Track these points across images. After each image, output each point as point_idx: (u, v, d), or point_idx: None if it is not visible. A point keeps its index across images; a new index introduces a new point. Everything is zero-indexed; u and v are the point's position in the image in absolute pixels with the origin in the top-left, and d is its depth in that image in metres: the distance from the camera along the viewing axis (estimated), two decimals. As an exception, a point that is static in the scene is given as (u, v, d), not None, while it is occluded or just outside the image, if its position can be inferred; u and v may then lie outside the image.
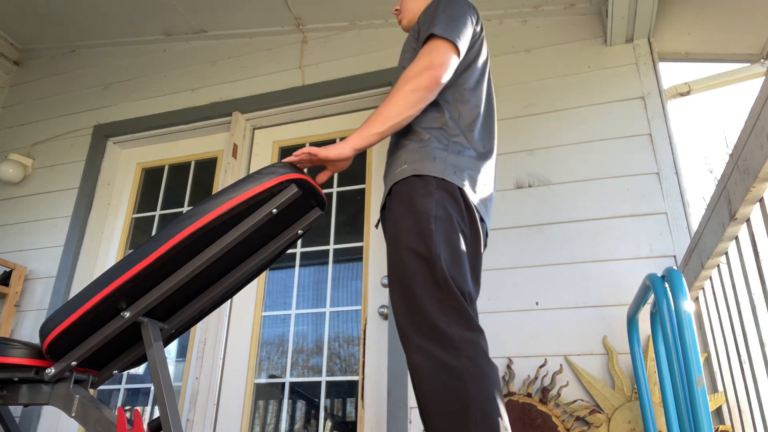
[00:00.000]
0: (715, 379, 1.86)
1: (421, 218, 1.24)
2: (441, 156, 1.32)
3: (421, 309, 1.18)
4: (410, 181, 1.30)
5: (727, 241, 1.44)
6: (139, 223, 3.11)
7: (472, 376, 1.10)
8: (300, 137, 2.99)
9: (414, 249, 1.22)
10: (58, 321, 1.21)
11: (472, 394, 1.08)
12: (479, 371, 1.11)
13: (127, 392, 2.77)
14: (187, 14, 3.17)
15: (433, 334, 1.15)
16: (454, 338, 1.14)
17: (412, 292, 1.20)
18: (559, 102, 2.48)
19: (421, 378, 1.14)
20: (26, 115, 3.54)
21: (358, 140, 1.28)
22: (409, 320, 1.19)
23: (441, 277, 1.19)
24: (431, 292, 1.19)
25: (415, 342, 1.17)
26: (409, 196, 1.29)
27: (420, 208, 1.26)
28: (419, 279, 1.20)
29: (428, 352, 1.14)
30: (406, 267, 1.22)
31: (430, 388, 1.11)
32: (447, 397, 1.09)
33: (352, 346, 2.49)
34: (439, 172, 1.29)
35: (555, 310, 2.15)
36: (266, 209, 1.25)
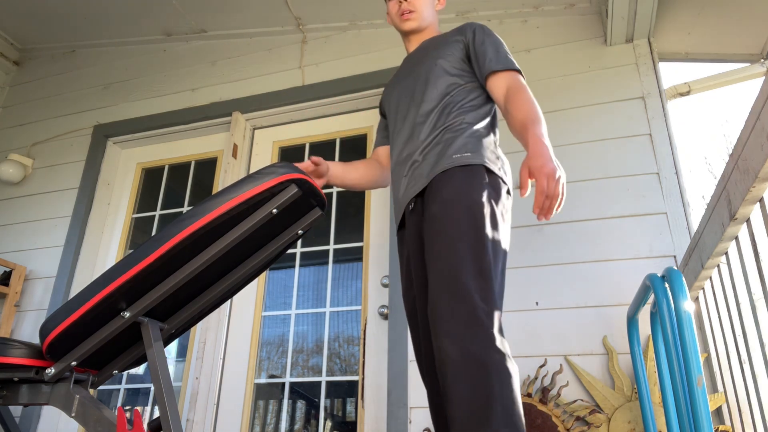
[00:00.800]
0: (715, 379, 1.86)
1: (474, 207, 1.28)
2: (490, 149, 1.42)
3: (464, 295, 1.18)
4: (464, 169, 1.35)
5: (727, 241, 1.44)
6: (139, 223, 3.11)
7: (499, 372, 1.11)
8: (300, 137, 2.99)
9: (465, 236, 1.24)
10: (58, 321, 1.21)
11: (496, 389, 1.09)
12: (505, 368, 1.12)
13: (127, 392, 2.77)
14: (187, 14, 3.17)
15: (469, 322, 1.15)
16: (488, 331, 1.15)
17: (456, 277, 1.20)
18: (559, 102, 2.48)
19: (447, 365, 1.14)
20: (26, 115, 3.54)
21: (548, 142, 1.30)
22: (448, 305, 1.19)
23: (487, 267, 1.22)
24: (476, 281, 1.20)
25: (447, 327, 1.16)
26: (462, 181, 1.33)
27: (474, 197, 1.30)
28: (466, 266, 1.21)
29: (459, 340, 1.14)
30: (455, 253, 1.23)
31: (456, 377, 1.12)
32: (471, 389, 1.10)
33: (352, 346, 2.49)
34: (490, 164, 1.37)
35: (555, 310, 2.15)
36: (266, 209, 1.25)
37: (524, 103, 1.38)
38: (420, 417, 2.13)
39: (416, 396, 2.17)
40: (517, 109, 1.37)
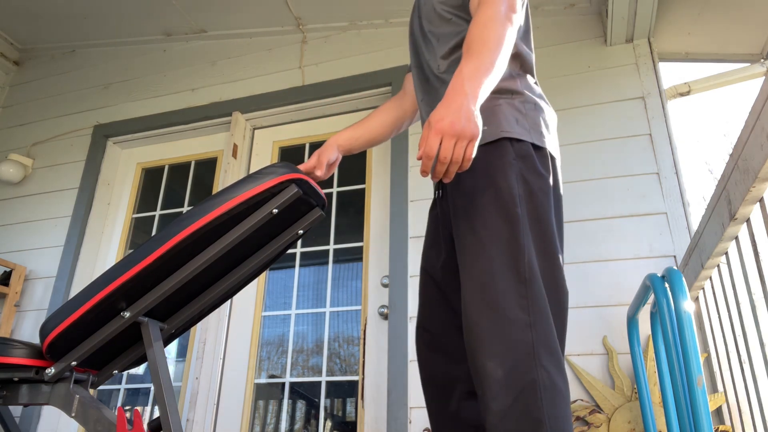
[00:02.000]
0: (715, 379, 1.86)
1: (503, 197, 1.07)
2: (511, 107, 1.15)
3: (503, 309, 1.01)
4: (482, 150, 1.12)
5: (727, 241, 1.44)
6: (139, 223, 3.11)
7: (547, 391, 0.96)
8: (300, 137, 2.99)
9: (496, 235, 1.05)
10: (58, 321, 1.21)
11: (545, 410, 0.95)
12: (555, 386, 0.97)
13: (127, 392, 2.77)
14: (187, 14, 3.17)
15: (510, 340, 0.99)
16: (532, 346, 0.98)
17: (491, 284, 1.03)
18: (559, 102, 2.48)
19: (491, 389, 0.98)
20: (26, 115, 3.54)
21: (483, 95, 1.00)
22: (486, 322, 1.01)
23: (527, 269, 1.03)
24: (514, 287, 1.02)
25: (487, 348, 1.00)
26: (486, 168, 1.10)
27: (500, 185, 1.08)
28: (500, 270, 1.03)
29: (502, 360, 0.98)
30: (486, 258, 1.04)
31: (502, 401, 0.96)
32: (519, 413, 0.95)
33: (352, 346, 2.49)
34: (512, 130, 1.11)
35: (555, 310, 2.15)
36: (266, 209, 1.25)
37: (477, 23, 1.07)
38: (420, 417, 2.13)
39: (416, 396, 2.17)
40: (469, 32, 1.07)
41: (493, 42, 1.03)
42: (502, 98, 1.16)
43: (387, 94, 2.82)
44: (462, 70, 1.01)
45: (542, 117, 1.17)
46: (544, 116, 1.18)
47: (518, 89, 1.18)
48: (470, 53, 1.03)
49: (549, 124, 1.18)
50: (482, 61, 1.01)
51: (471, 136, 0.95)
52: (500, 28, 1.05)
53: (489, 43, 1.03)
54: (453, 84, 1.00)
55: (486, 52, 1.02)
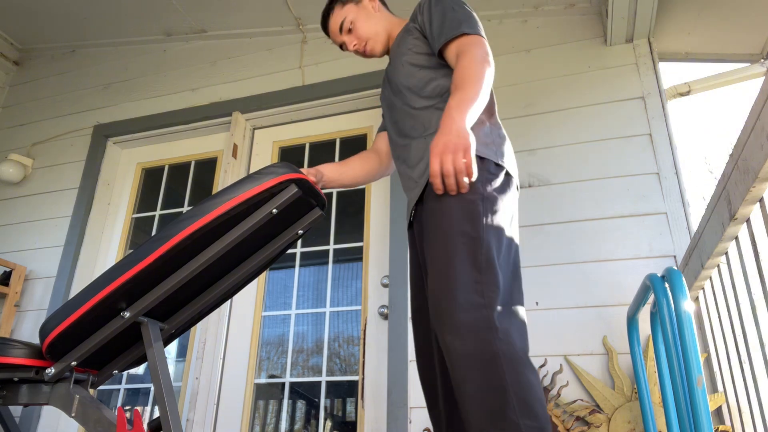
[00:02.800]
0: (715, 379, 1.86)
1: (467, 197, 1.22)
2: (488, 139, 1.33)
3: (458, 289, 1.13)
4: None
5: (727, 241, 1.44)
6: (139, 223, 3.11)
7: (509, 360, 1.06)
8: (300, 137, 2.99)
9: (458, 229, 1.19)
10: (58, 321, 1.21)
11: (507, 378, 1.05)
12: (514, 355, 1.08)
13: (127, 392, 2.77)
14: (187, 14, 3.17)
15: (468, 314, 1.11)
16: (489, 320, 1.10)
17: (450, 272, 1.16)
18: (559, 102, 2.48)
19: (454, 361, 1.10)
20: (26, 115, 3.54)
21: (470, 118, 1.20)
22: (446, 301, 1.15)
23: (484, 259, 1.16)
24: (470, 274, 1.15)
25: (448, 323, 1.12)
26: None
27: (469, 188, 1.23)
28: (459, 259, 1.16)
29: (462, 334, 1.10)
30: (448, 247, 1.18)
31: (464, 372, 1.08)
32: (482, 382, 1.06)
33: (352, 346, 2.49)
34: (484, 154, 1.29)
35: (555, 310, 2.15)
36: (266, 209, 1.25)
37: (460, 67, 1.28)
38: (420, 417, 2.13)
39: (416, 396, 2.17)
40: (454, 75, 1.29)
41: (474, 78, 1.25)
42: (477, 126, 1.35)
43: (387, 94, 2.82)
44: (450, 103, 1.21)
45: (504, 145, 1.38)
46: (506, 145, 1.39)
47: (483, 122, 1.38)
48: (456, 89, 1.24)
49: (508, 151, 1.39)
50: (466, 93, 1.22)
51: (464, 147, 1.14)
52: (479, 68, 1.27)
53: (472, 79, 1.24)
54: (443, 116, 1.20)
55: (469, 86, 1.23)
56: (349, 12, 1.58)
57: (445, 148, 1.14)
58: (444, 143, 1.14)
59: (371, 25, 1.58)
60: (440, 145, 1.14)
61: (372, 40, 1.58)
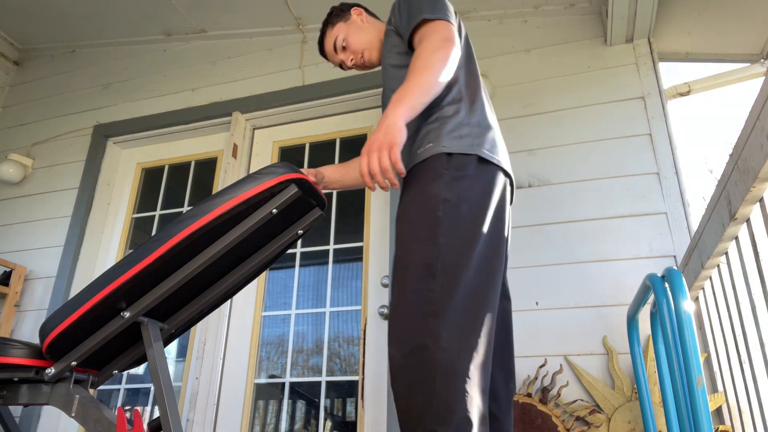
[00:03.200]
0: (715, 379, 1.86)
1: (428, 202, 1.17)
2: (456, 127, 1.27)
3: (408, 297, 1.11)
4: (423, 164, 1.24)
5: (727, 241, 1.44)
6: (139, 223, 3.11)
7: (444, 370, 1.02)
8: (300, 137, 2.99)
9: (416, 236, 1.16)
10: (58, 321, 1.21)
11: (438, 385, 1.01)
12: (453, 367, 1.02)
13: (127, 392, 2.77)
14: (187, 14, 3.17)
15: (410, 325, 1.08)
16: (432, 331, 1.05)
17: (403, 280, 1.14)
18: (559, 102, 2.48)
19: (393, 374, 1.07)
20: (26, 115, 3.54)
21: (408, 110, 1.16)
22: (394, 310, 1.13)
23: (440, 267, 1.11)
24: (422, 281, 1.11)
25: (392, 332, 1.11)
26: (418, 178, 1.23)
27: (427, 192, 1.19)
28: (414, 266, 1.13)
29: (401, 343, 1.07)
30: (405, 254, 1.16)
31: (398, 378, 1.06)
32: (410, 388, 1.03)
33: (352, 346, 2.49)
34: (451, 146, 1.23)
35: (555, 310, 2.15)
36: (266, 209, 1.25)
37: (413, 58, 1.24)
38: (420, 417, 2.13)
39: (416, 396, 2.17)
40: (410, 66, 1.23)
41: (421, 69, 1.20)
42: (442, 120, 1.29)
43: (387, 94, 2.82)
44: (392, 97, 1.18)
45: (487, 134, 1.29)
46: (489, 134, 1.30)
47: (456, 113, 1.30)
48: (404, 82, 1.20)
49: (491, 140, 1.30)
50: (408, 86, 1.18)
51: (389, 144, 1.11)
52: (430, 56, 1.22)
53: (417, 70, 1.20)
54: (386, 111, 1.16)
55: (413, 77, 1.19)
56: (340, 30, 1.60)
57: (371, 146, 1.12)
58: (371, 141, 1.13)
59: (362, 36, 1.59)
60: (368, 143, 1.13)
61: (367, 50, 1.59)
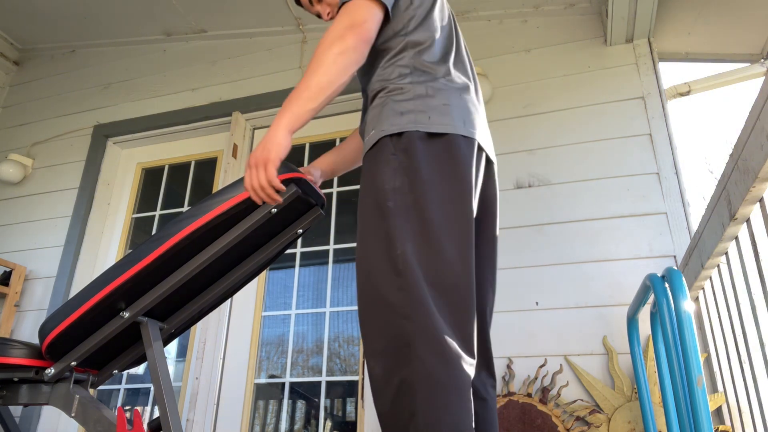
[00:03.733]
0: (715, 379, 1.86)
1: (378, 195, 1.08)
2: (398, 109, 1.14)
3: (377, 301, 1.02)
4: (369, 154, 1.15)
5: (727, 241, 1.44)
6: (139, 223, 3.11)
7: (423, 384, 0.94)
8: (300, 137, 2.99)
9: (372, 231, 1.07)
10: (57, 321, 1.21)
11: (419, 403, 0.93)
12: (432, 378, 0.95)
13: (127, 392, 2.77)
14: (187, 14, 3.17)
15: (387, 333, 0.99)
16: (409, 335, 0.97)
17: (368, 283, 1.05)
18: (559, 102, 2.48)
19: (373, 386, 1.00)
20: (26, 115, 3.54)
21: (293, 120, 1.08)
22: (365, 317, 1.04)
23: (401, 261, 1.02)
24: (390, 279, 1.02)
25: (367, 343, 1.02)
26: (368, 170, 1.14)
27: (376, 182, 1.10)
28: (378, 266, 1.04)
29: (382, 355, 0.99)
30: (365, 253, 1.07)
31: (381, 398, 0.98)
32: (392, 405, 0.96)
33: (352, 346, 2.49)
34: (392, 127, 1.12)
35: (555, 310, 2.15)
36: (265, 209, 1.25)
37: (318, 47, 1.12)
38: (420, 417, 2.13)
39: (416, 396, 2.16)
40: None
41: (311, 69, 1.10)
42: (386, 97, 1.18)
43: (387, 94, 2.82)
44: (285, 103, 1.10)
45: (437, 103, 1.15)
46: (442, 101, 1.15)
47: (403, 84, 1.17)
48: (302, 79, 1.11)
49: (450, 108, 1.15)
50: (296, 91, 1.10)
51: (264, 161, 1.07)
52: (324, 52, 1.10)
53: (308, 70, 1.10)
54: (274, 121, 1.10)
55: (303, 80, 1.10)
56: None
57: (249, 162, 1.10)
58: (250, 156, 1.10)
59: None
60: (249, 158, 1.10)
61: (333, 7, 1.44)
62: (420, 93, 1.16)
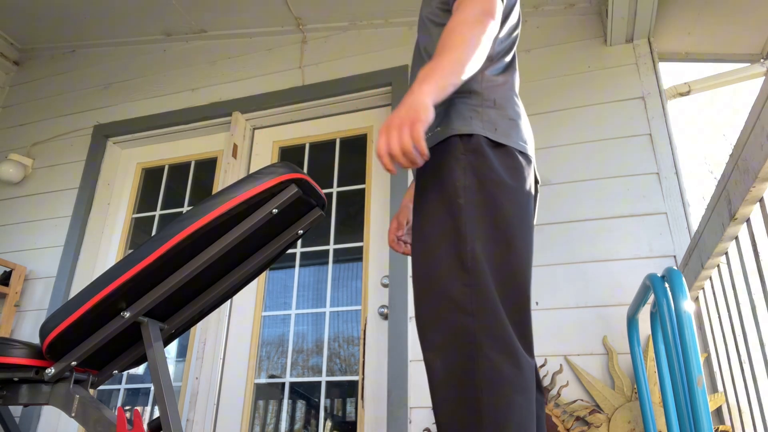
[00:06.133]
0: (715, 379, 1.86)
1: (446, 189, 1.08)
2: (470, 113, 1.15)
3: (441, 295, 1.01)
4: (435, 150, 1.14)
5: (727, 241, 1.44)
6: (139, 223, 3.11)
7: (489, 382, 0.94)
8: (300, 137, 2.99)
9: (438, 227, 1.07)
10: (58, 321, 1.21)
11: (485, 402, 0.93)
12: (499, 373, 0.95)
13: (127, 392, 2.77)
14: (187, 14, 3.17)
15: (449, 329, 0.99)
16: (474, 332, 0.97)
17: (432, 278, 1.04)
18: (559, 102, 2.48)
19: (432, 381, 0.99)
20: (26, 115, 3.54)
21: (437, 91, 1.00)
22: (428, 312, 1.03)
23: (470, 259, 1.02)
24: (456, 275, 1.01)
25: (428, 338, 1.01)
26: (435, 164, 1.13)
27: (445, 178, 1.09)
28: (442, 261, 1.03)
29: (441, 349, 0.99)
30: (430, 250, 1.07)
31: (442, 394, 0.97)
32: (458, 406, 0.95)
33: (352, 346, 2.49)
34: (462, 127, 1.12)
35: (555, 310, 2.15)
36: (266, 209, 1.25)
37: (446, 30, 1.09)
38: (420, 417, 2.13)
39: (416, 396, 2.17)
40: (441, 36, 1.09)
41: (455, 44, 1.05)
42: (458, 98, 1.18)
43: (387, 94, 2.82)
44: (419, 73, 1.04)
45: (504, 115, 1.17)
46: (508, 114, 1.18)
47: (477, 90, 1.18)
48: (433, 57, 1.06)
49: (514, 123, 1.18)
50: (439, 63, 1.03)
51: (411, 121, 0.96)
52: (467, 31, 1.07)
53: (450, 46, 1.05)
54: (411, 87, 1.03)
55: (446, 53, 1.04)
56: None
57: (391, 123, 0.98)
58: (391, 118, 0.98)
59: None
60: (388, 120, 0.99)
61: None
62: (491, 101, 1.17)
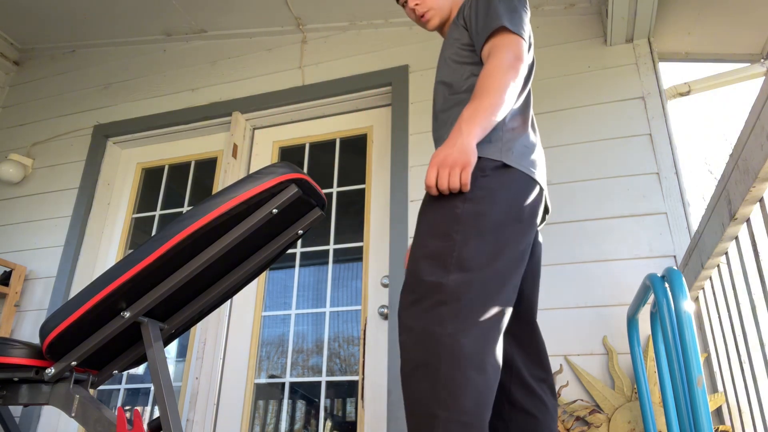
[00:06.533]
0: (715, 379, 1.86)
1: (449, 197, 1.18)
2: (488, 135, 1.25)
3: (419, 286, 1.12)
4: None
5: (727, 241, 1.44)
6: (139, 223, 3.11)
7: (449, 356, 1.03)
8: (300, 137, 2.99)
9: (432, 227, 1.17)
10: (58, 321, 1.21)
11: (443, 370, 1.02)
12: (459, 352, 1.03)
13: (127, 392, 2.77)
14: (187, 14, 3.17)
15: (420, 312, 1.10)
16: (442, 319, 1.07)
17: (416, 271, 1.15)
18: (559, 102, 2.48)
19: (402, 359, 1.10)
20: (26, 115, 3.54)
21: (480, 133, 1.16)
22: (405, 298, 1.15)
23: (455, 261, 1.12)
24: (435, 274, 1.12)
25: (403, 319, 1.13)
26: None
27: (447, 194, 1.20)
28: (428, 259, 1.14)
29: (411, 327, 1.09)
30: (420, 245, 1.17)
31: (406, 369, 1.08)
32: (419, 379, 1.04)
33: (352, 346, 2.49)
34: (482, 153, 1.22)
35: (555, 310, 2.15)
36: (266, 209, 1.25)
37: (483, 73, 1.22)
38: (420, 417, 2.13)
39: (416, 396, 2.17)
40: (478, 79, 1.23)
41: (493, 89, 1.18)
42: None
43: (387, 94, 2.82)
44: (463, 113, 1.17)
45: (519, 142, 1.27)
46: (523, 142, 1.28)
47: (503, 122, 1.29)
48: (473, 98, 1.19)
49: (527, 152, 1.28)
50: (481, 104, 1.16)
51: (462, 164, 1.12)
52: (503, 77, 1.20)
53: (490, 90, 1.18)
54: (455, 126, 1.17)
55: (486, 97, 1.17)
56: None
57: (444, 161, 1.13)
58: (444, 156, 1.13)
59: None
60: (440, 156, 1.14)
61: (433, 10, 1.49)
62: (508, 127, 1.28)
